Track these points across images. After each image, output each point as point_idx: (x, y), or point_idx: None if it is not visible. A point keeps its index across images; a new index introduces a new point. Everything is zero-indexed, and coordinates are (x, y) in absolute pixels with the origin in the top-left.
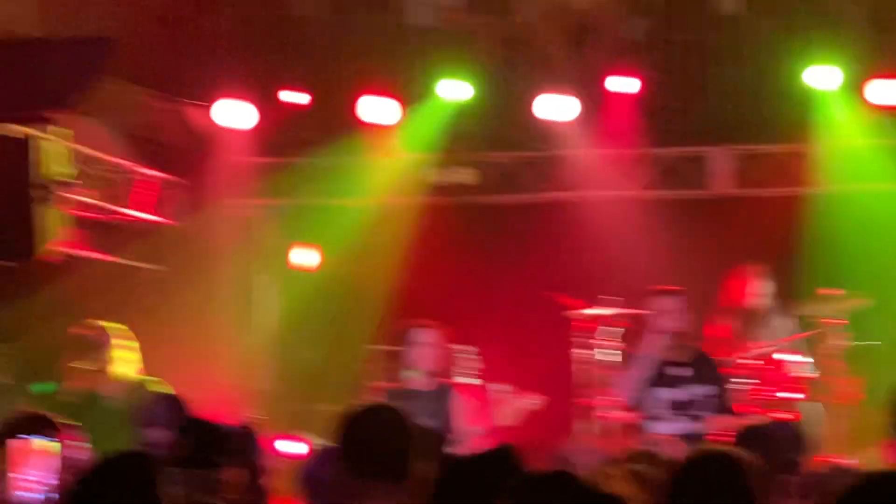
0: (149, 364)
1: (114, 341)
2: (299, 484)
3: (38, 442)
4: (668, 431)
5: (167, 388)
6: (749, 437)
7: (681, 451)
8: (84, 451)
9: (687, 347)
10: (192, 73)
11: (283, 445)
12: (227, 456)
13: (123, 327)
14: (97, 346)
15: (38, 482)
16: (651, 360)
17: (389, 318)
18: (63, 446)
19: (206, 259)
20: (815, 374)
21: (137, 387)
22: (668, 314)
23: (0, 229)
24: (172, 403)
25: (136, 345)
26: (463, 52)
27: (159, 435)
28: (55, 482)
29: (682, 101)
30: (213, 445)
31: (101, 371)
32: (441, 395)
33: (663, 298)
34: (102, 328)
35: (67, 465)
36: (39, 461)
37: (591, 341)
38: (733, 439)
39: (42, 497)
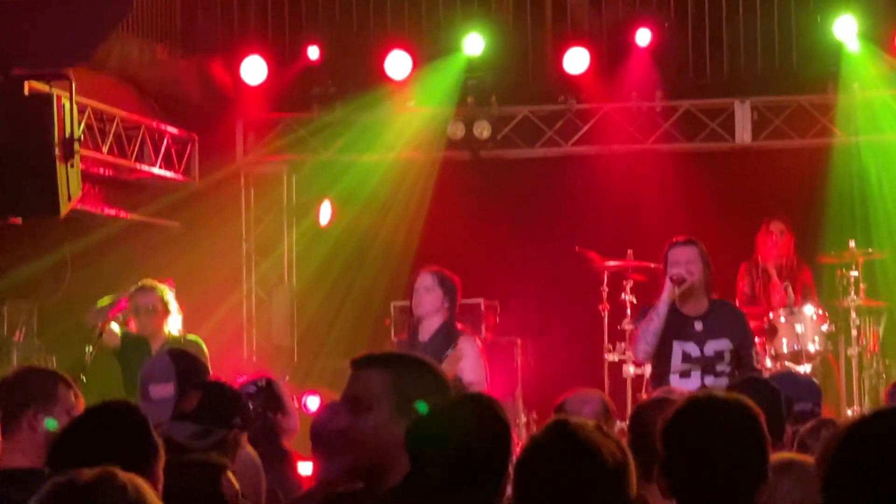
0: None
1: (167, 298)
2: (311, 438)
3: None
4: (685, 386)
5: (203, 347)
6: (760, 387)
7: None
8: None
9: (701, 300)
10: (210, 28)
11: (309, 401)
12: (237, 416)
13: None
14: (151, 303)
15: None
16: (664, 312)
17: (409, 273)
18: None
19: (222, 216)
20: (831, 328)
21: (175, 342)
22: (680, 265)
23: (27, 187)
24: (180, 359)
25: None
26: (480, 4)
27: (163, 391)
28: None
29: (701, 52)
30: (223, 405)
31: (150, 325)
32: (445, 346)
33: (675, 249)
34: (156, 285)
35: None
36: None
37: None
38: (745, 390)
39: None
